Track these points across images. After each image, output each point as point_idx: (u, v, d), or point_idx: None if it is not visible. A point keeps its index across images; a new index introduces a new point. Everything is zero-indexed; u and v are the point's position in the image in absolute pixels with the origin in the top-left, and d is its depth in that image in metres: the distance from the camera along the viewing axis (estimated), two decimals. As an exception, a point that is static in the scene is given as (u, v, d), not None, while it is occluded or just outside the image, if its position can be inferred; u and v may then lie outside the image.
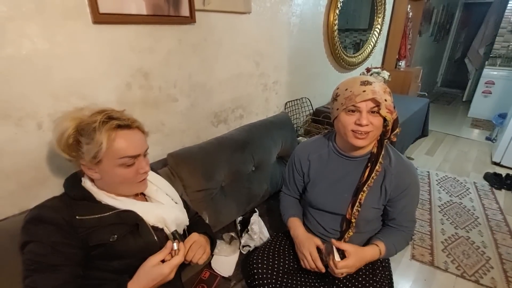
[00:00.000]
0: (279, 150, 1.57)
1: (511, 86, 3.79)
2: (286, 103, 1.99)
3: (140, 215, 0.75)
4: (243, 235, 1.22)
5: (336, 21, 2.13)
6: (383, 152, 0.90)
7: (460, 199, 2.37)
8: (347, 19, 2.29)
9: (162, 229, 0.79)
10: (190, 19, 1.19)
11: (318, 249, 0.95)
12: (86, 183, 0.75)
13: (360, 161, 0.93)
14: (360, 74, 2.86)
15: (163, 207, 0.83)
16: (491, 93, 4.23)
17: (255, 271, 0.97)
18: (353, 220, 0.91)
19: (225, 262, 1.10)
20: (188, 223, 0.90)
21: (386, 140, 0.91)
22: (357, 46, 2.69)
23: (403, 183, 0.90)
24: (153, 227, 0.77)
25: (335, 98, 0.88)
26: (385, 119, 0.82)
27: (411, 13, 3.39)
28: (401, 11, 3.07)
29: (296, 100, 2.06)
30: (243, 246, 1.18)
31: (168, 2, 1.10)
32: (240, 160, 1.33)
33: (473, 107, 4.50)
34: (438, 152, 3.31)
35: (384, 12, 2.81)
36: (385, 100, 0.80)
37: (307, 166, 1.02)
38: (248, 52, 1.56)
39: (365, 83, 0.81)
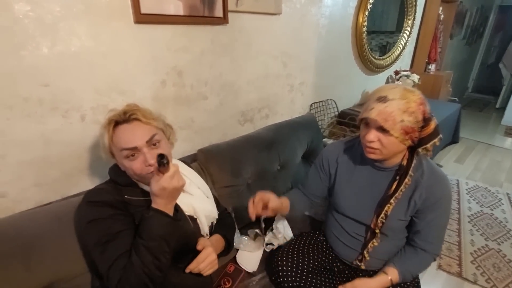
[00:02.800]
0: (304, 151, 1.57)
1: (552, 93, 3.54)
2: (311, 105, 1.98)
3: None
4: (267, 233, 1.23)
5: (365, 23, 2.10)
6: (414, 164, 0.86)
7: (492, 210, 2.25)
8: (374, 20, 2.24)
9: (194, 219, 0.83)
10: (223, 20, 1.22)
11: None
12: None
13: (389, 172, 0.89)
14: (388, 77, 2.80)
15: (194, 198, 0.87)
16: (528, 100, 3.98)
17: (280, 268, 0.98)
18: (377, 231, 0.90)
19: (249, 257, 1.11)
20: (217, 217, 0.93)
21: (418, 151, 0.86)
22: (384, 49, 2.63)
23: (434, 196, 0.85)
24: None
25: (364, 104, 0.87)
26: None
27: (442, 16, 3.27)
28: (433, 13, 2.97)
29: (322, 101, 2.05)
30: (267, 244, 1.19)
31: (204, 3, 1.14)
32: (266, 158, 1.35)
33: (507, 115, 4.25)
34: (469, 160, 3.16)
35: (415, 14, 2.73)
36: (401, 121, 0.74)
37: (334, 168, 1.00)
38: (276, 53, 1.57)
39: (380, 99, 0.77)
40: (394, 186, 0.87)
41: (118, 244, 0.69)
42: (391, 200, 0.86)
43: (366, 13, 2.07)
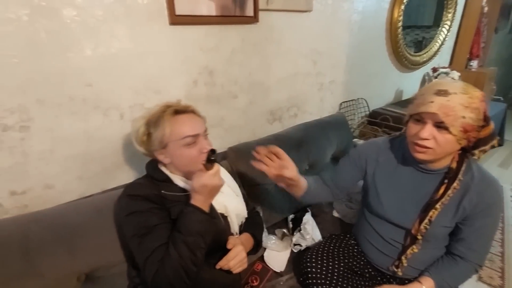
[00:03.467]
0: (334, 151, 1.53)
1: None
2: (341, 104, 1.93)
3: None
4: (294, 233, 1.22)
5: (401, 17, 2.00)
6: (463, 168, 0.79)
7: (543, 220, 2.04)
8: (409, 15, 2.12)
9: (225, 217, 0.85)
10: (254, 19, 1.22)
11: None
12: (162, 168, 0.84)
13: (435, 175, 0.83)
14: (425, 75, 2.64)
15: (225, 196, 0.87)
16: None
17: (309, 270, 0.96)
18: (419, 237, 0.84)
19: (277, 257, 1.11)
20: (246, 216, 0.94)
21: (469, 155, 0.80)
22: (419, 45, 2.47)
23: (484, 202, 0.79)
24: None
25: (412, 100, 0.81)
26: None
27: (486, 8, 3.02)
28: (476, 6, 2.75)
29: (352, 100, 1.98)
30: (295, 245, 1.18)
31: (235, 3, 1.15)
32: (295, 158, 1.29)
33: (562, 115, 3.83)
34: (491, 158, 2.89)
35: (455, 7, 2.55)
36: (463, 117, 0.69)
37: (373, 167, 0.95)
38: (306, 51, 1.55)
39: (440, 92, 0.70)
40: (441, 191, 0.81)
41: (155, 237, 0.71)
42: (437, 205, 0.81)
43: (402, 7, 1.96)
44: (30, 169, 0.90)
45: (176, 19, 1.02)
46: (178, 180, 0.82)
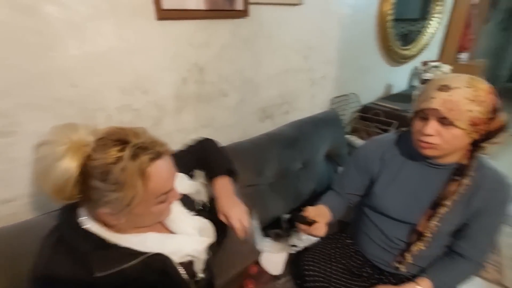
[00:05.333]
0: (327, 149, 1.51)
1: None
2: (332, 99, 1.90)
3: (168, 255, 0.62)
4: (290, 234, 1.19)
5: (391, 11, 1.98)
6: (474, 164, 0.78)
7: (532, 210, 2.08)
8: (396, 8, 2.09)
9: (191, 261, 0.68)
10: (244, 13, 1.18)
11: None
12: (93, 227, 0.56)
13: (443, 170, 0.82)
14: (414, 69, 2.64)
15: (188, 238, 0.68)
16: None
17: (307, 273, 0.94)
18: (426, 234, 0.83)
19: (273, 259, 1.09)
20: (215, 239, 0.74)
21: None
22: (405, 38, 2.45)
23: (497, 199, 0.78)
24: (181, 263, 0.65)
25: (417, 97, 0.79)
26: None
27: (476, -1, 3.03)
28: (465, -3, 2.76)
29: (343, 95, 1.96)
30: (291, 246, 1.16)
31: (224, -4, 1.10)
32: (289, 157, 1.31)
33: (547, 106, 3.91)
34: (504, 156, 2.94)
35: (445, -1, 2.55)
36: (469, 111, 0.68)
37: (377, 166, 0.93)
38: (297, 46, 1.51)
39: (442, 88, 0.70)
40: (452, 187, 0.79)
41: None
42: (447, 202, 0.79)
43: (392, 0, 1.94)
44: (16, 175, 0.84)
45: (163, 14, 0.97)
46: (122, 239, 0.57)
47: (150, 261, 0.58)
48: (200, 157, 0.86)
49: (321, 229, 0.83)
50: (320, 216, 0.86)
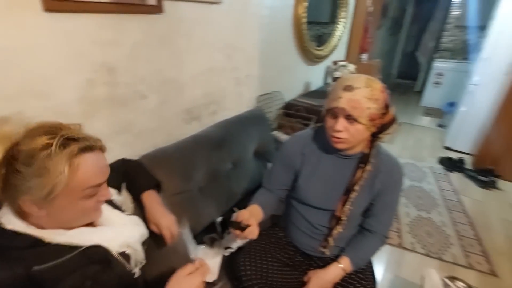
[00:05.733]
0: (255, 146, 1.54)
1: (459, 77, 4.16)
2: (258, 97, 1.96)
3: (106, 246, 0.63)
4: (224, 236, 1.18)
5: (305, 14, 2.14)
6: (374, 152, 0.90)
7: (420, 183, 2.57)
8: (310, 11, 2.30)
9: (127, 254, 0.68)
10: (157, 8, 1.09)
11: None
12: (16, 224, 0.54)
13: (352, 160, 0.93)
14: (327, 67, 2.93)
15: (122, 228, 0.70)
16: (441, 84, 4.62)
17: (242, 273, 0.95)
18: (343, 218, 0.92)
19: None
20: (148, 235, 0.77)
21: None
22: (320, 39, 2.72)
23: (392, 179, 0.92)
24: (120, 254, 0.66)
25: (328, 95, 0.87)
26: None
27: (371, 8, 3.54)
28: (363, 5, 3.19)
29: (268, 93, 2.04)
30: (225, 248, 1.14)
31: (132, -11, 0.99)
32: (218, 158, 1.28)
33: (425, 97, 4.88)
34: (398, 140, 3.55)
35: (348, 6, 2.89)
36: (368, 108, 0.78)
37: (299, 161, 0.99)
38: (220, 45, 1.49)
39: (347, 88, 0.78)
40: (358, 174, 0.90)
41: None
42: (356, 187, 0.90)
43: (305, 3, 2.10)
44: None
45: (52, 5, 0.81)
46: (53, 235, 0.56)
47: (89, 253, 0.59)
48: (123, 177, 0.89)
49: (254, 232, 0.86)
50: (252, 218, 0.87)
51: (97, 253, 0.61)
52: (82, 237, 0.59)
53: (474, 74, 2.92)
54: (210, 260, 1.07)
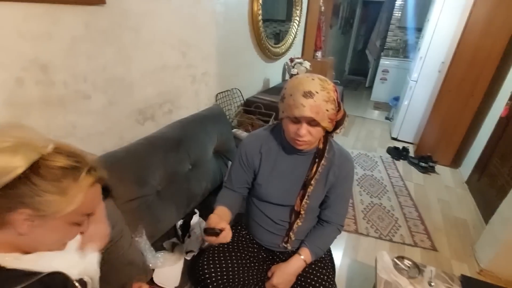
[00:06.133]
0: (215, 145, 1.51)
1: (402, 73, 4.57)
2: (217, 95, 1.92)
3: (66, 272, 0.58)
4: (185, 240, 1.14)
5: (260, 11, 2.14)
6: (327, 147, 0.93)
7: (372, 171, 2.77)
8: (267, 9, 2.32)
9: (85, 281, 0.63)
10: (98, 0, 1.00)
11: None
12: None
13: (307, 156, 0.96)
14: (285, 64, 2.98)
15: (80, 254, 0.65)
16: (387, 80, 5.02)
17: (206, 276, 0.92)
18: (302, 212, 0.95)
19: (169, 273, 1.01)
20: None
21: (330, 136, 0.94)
22: (277, 37, 2.77)
23: (344, 171, 0.96)
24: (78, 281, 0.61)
25: (282, 98, 0.87)
26: None
27: (323, 7, 3.69)
28: (315, 4, 3.31)
29: (227, 91, 2.01)
30: (187, 252, 1.11)
31: (67, -23, 0.89)
32: (175, 159, 1.23)
33: (373, 92, 5.27)
34: (351, 132, 3.79)
35: (301, 4, 2.97)
36: (327, 110, 0.80)
37: (258, 159, 0.99)
38: (172, 42, 1.42)
39: (307, 95, 0.79)
40: (314, 169, 0.93)
41: None
42: (312, 182, 0.93)
43: (260, 1, 2.10)
44: None
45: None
46: (14, 259, 0.52)
47: (48, 280, 0.54)
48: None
49: (228, 235, 0.84)
50: (223, 221, 0.86)
51: (57, 279, 0.56)
52: (41, 262, 0.55)
53: (413, 71, 3.22)
54: (171, 267, 1.03)
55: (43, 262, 0.55)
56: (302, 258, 0.96)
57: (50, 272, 0.55)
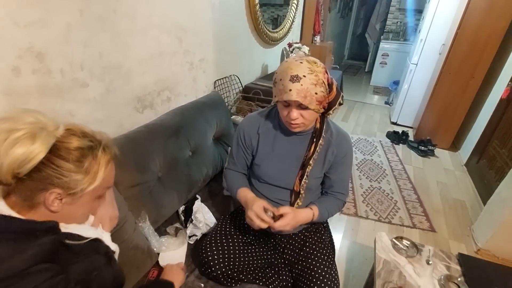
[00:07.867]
0: (214, 131, 1.51)
1: (402, 57, 4.51)
2: (215, 82, 1.91)
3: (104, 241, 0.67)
4: (188, 225, 1.16)
5: (257, -5, 2.09)
6: (324, 127, 0.94)
7: (371, 156, 2.78)
8: (264, -7, 2.27)
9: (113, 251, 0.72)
10: (92, -15, 0.98)
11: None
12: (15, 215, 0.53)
13: (305, 136, 0.97)
14: (283, 49, 2.95)
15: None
16: (386, 64, 4.96)
17: (209, 258, 0.95)
18: (301, 192, 0.96)
19: (173, 256, 1.03)
20: None
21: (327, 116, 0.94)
22: (275, 21, 2.73)
23: (342, 151, 0.97)
24: None
25: (274, 83, 0.87)
26: None
27: (321, -10, 3.60)
28: (313, -13, 3.23)
29: (225, 78, 2.00)
30: (190, 236, 1.13)
31: (58, -39, 0.87)
32: (175, 146, 1.23)
33: (373, 77, 5.22)
34: (351, 117, 3.78)
35: (299, -13, 2.90)
36: (316, 93, 0.80)
37: (256, 140, 1.01)
38: (168, 27, 1.40)
39: (293, 79, 0.79)
40: (312, 149, 0.94)
41: None
42: (310, 162, 0.94)
43: (256, -16, 2.06)
44: None
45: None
46: (62, 227, 0.59)
47: (95, 245, 0.64)
48: None
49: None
50: (271, 207, 0.91)
51: (100, 247, 0.66)
52: (82, 231, 0.62)
53: (413, 54, 3.18)
54: (175, 251, 1.05)
55: (84, 231, 0.63)
56: (312, 211, 0.97)
57: (94, 238, 0.64)
